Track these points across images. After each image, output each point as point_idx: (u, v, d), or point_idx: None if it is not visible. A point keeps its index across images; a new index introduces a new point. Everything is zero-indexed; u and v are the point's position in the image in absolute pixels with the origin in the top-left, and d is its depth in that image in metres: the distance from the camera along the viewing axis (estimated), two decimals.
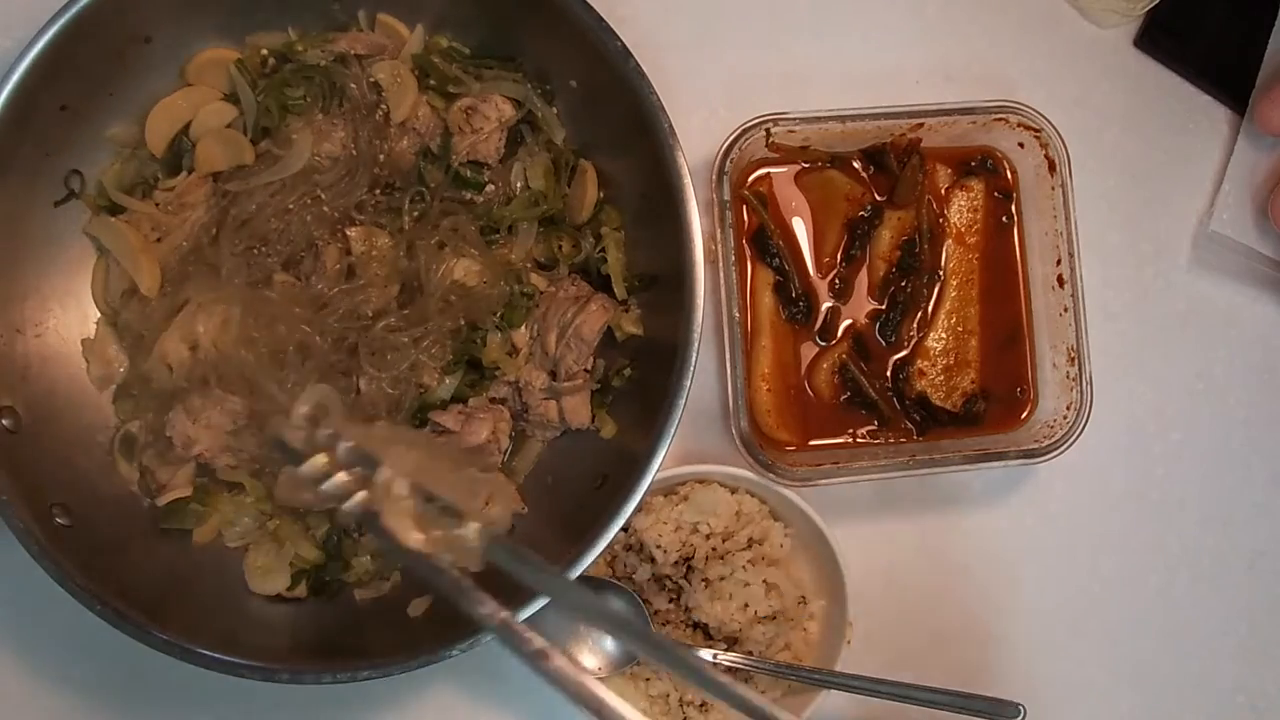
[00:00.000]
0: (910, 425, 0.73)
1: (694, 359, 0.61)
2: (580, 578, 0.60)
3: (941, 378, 0.73)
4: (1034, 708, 0.70)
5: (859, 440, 0.72)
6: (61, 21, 0.58)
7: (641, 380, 0.67)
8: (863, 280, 0.73)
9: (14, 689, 0.67)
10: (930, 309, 0.74)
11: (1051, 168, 0.71)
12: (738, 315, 0.68)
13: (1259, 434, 0.80)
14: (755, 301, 0.71)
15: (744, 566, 0.69)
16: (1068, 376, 0.71)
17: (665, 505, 0.70)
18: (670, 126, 0.62)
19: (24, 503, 0.57)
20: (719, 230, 0.68)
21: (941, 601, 0.76)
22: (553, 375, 0.68)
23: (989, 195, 0.75)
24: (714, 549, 0.69)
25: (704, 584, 0.69)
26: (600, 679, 0.67)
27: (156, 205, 0.66)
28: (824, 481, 0.68)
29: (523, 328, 0.68)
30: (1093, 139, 0.78)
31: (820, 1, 0.77)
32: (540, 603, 0.58)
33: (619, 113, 0.64)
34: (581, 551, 0.59)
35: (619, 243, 0.68)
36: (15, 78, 0.57)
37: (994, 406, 0.74)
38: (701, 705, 0.71)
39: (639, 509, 0.61)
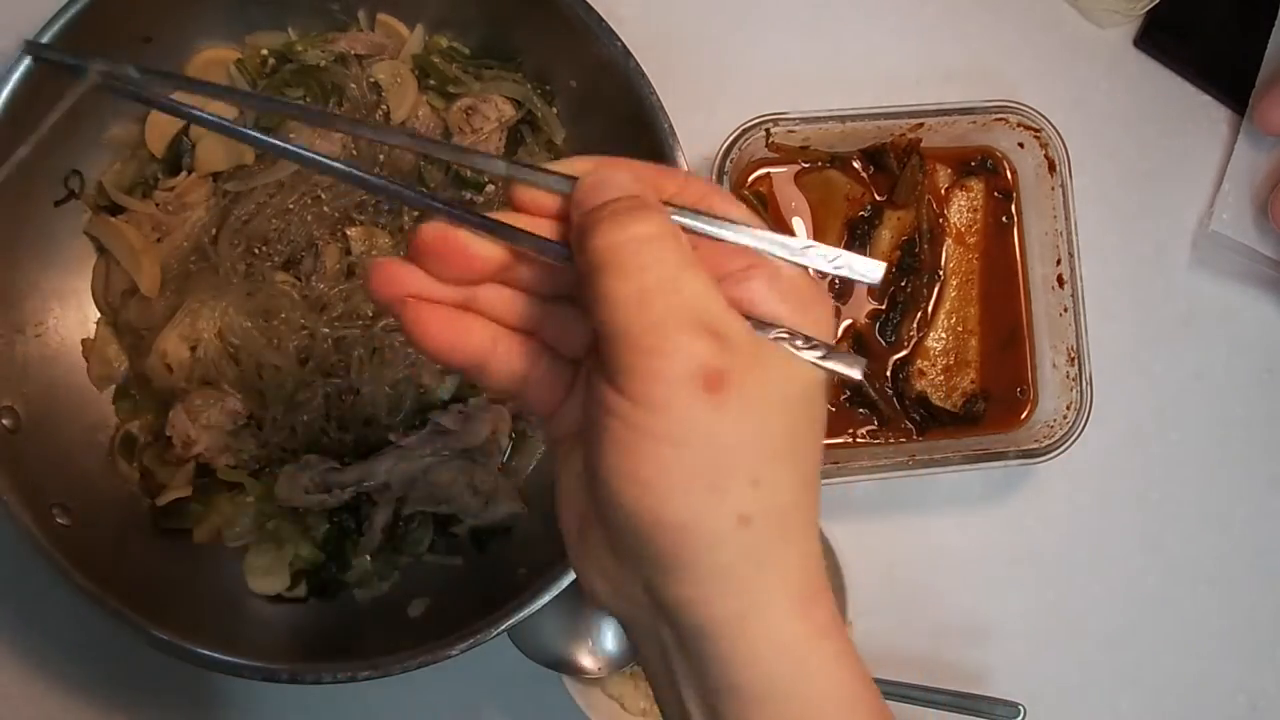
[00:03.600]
0: (910, 425, 0.73)
1: None
2: None
3: (941, 378, 0.73)
4: (1034, 708, 0.70)
5: (859, 440, 0.72)
6: (62, 21, 0.58)
7: None
8: None
9: (13, 689, 0.67)
10: (930, 309, 0.74)
11: (1051, 168, 0.71)
12: None
13: (1259, 434, 0.80)
14: None
15: None
16: (1068, 376, 0.71)
17: None
18: (670, 126, 0.62)
19: (24, 503, 0.57)
20: None
21: (941, 601, 0.76)
22: None
23: (989, 195, 0.75)
24: None
25: None
26: (599, 679, 0.67)
27: (156, 205, 0.66)
28: (824, 481, 0.68)
29: None
30: (1093, 139, 0.78)
31: (820, 1, 0.77)
32: (540, 603, 0.58)
33: (619, 113, 0.64)
34: None
35: None
36: (15, 78, 0.57)
37: (994, 406, 0.74)
38: None
39: None
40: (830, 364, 0.37)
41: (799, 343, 0.37)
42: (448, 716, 0.71)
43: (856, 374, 0.37)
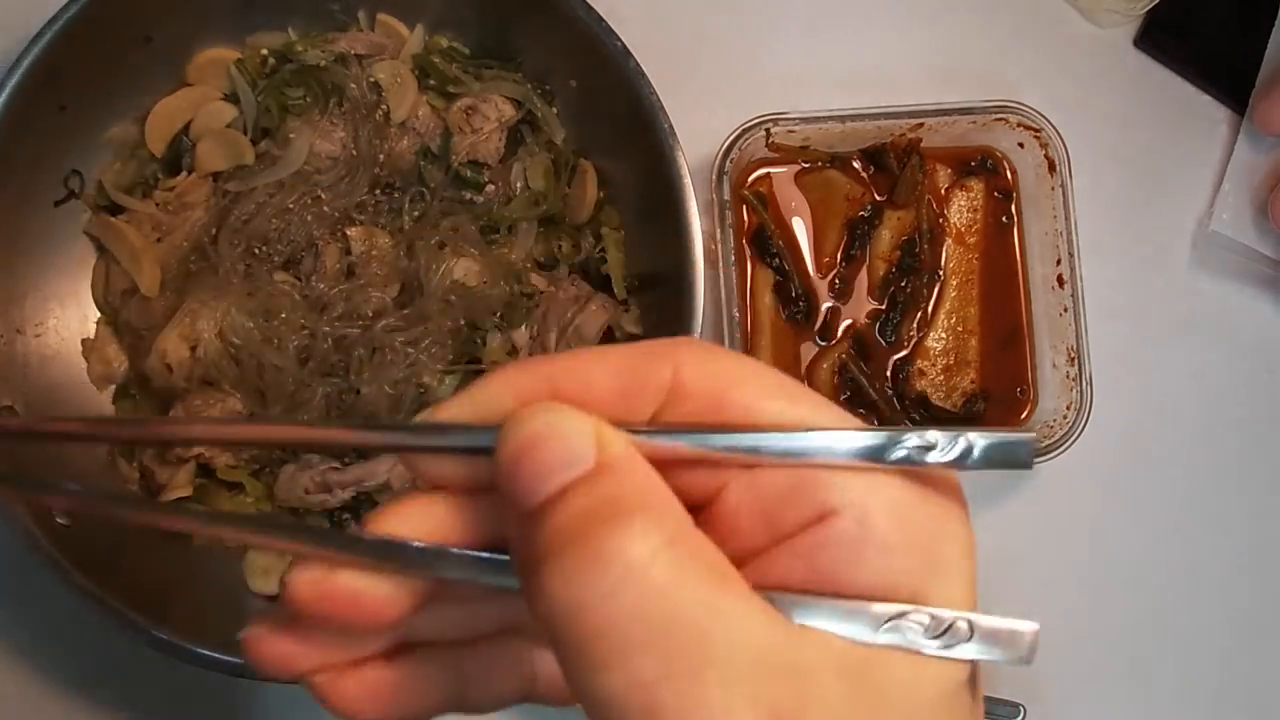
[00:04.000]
0: (910, 425, 0.73)
1: None
2: None
3: (941, 378, 0.73)
4: (1034, 708, 0.70)
5: None
6: (61, 21, 0.58)
7: None
8: (863, 280, 0.73)
9: (13, 689, 0.67)
10: (930, 309, 0.74)
11: (1051, 168, 0.71)
12: (737, 315, 0.68)
13: (1258, 434, 0.80)
14: (755, 301, 0.71)
15: None
16: (1068, 376, 0.71)
17: None
18: (670, 126, 0.62)
19: (24, 503, 0.57)
20: (719, 230, 0.68)
21: None
22: None
23: (989, 195, 0.75)
24: None
25: None
26: None
27: (156, 205, 0.66)
28: None
29: (523, 328, 0.68)
30: (1093, 139, 0.78)
31: (820, 1, 0.77)
32: None
33: (619, 113, 0.64)
34: None
35: (619, 243, 0.68)
36: (15, 78, 0.57)
37: (994, 406, 0.74)
38: None
39: None
40: (980, 652, 0.23)
41: (925, 622, 0.23)
42: (448, 716, 0.71)
43: (1025, 640, 0.24)
